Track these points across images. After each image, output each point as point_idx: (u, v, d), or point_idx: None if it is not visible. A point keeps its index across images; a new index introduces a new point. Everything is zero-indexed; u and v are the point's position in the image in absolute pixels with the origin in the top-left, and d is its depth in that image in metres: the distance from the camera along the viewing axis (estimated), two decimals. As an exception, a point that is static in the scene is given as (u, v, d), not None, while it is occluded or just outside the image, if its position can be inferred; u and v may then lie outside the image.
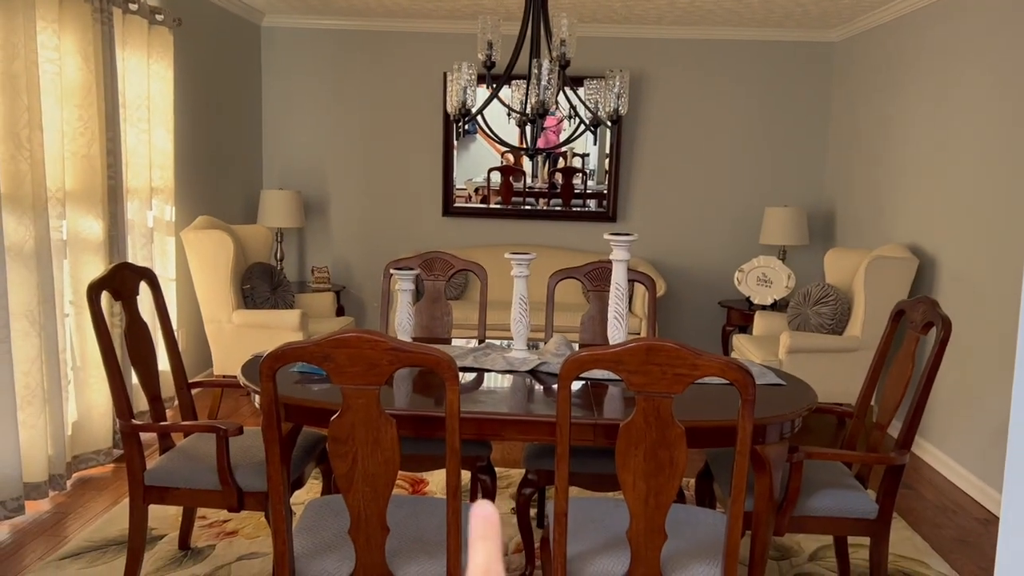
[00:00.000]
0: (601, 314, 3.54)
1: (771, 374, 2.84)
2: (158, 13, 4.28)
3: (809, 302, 4.69)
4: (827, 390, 4.41)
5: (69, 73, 3.56)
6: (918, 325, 2.61)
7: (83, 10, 3.58)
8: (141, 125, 4.18)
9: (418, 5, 5.42)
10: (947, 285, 4.26)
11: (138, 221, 4.20)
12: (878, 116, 5.19)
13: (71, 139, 3.60)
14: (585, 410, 2.43)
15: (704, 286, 6.23)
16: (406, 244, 6.28)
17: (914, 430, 2.54)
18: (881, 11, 5.06)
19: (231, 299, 4.56)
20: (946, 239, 4.29)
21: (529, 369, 2.84)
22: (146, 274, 2.84)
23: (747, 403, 1.87)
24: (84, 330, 3.71)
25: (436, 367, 1.81)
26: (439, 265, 3.69)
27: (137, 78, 4.14)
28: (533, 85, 3.34)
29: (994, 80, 3.90)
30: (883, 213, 5.08)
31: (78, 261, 3.69)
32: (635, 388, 1.86)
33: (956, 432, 4.11)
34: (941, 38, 4.42)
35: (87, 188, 3.68)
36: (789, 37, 5.94)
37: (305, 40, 6.11)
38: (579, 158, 6.26)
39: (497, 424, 2.31)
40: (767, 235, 5.75)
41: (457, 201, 6.26)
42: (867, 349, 4.38)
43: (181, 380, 2.97)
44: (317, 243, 6.33)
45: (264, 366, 1.85)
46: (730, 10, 5.25)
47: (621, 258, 2.82)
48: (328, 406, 2.26)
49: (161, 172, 4.42)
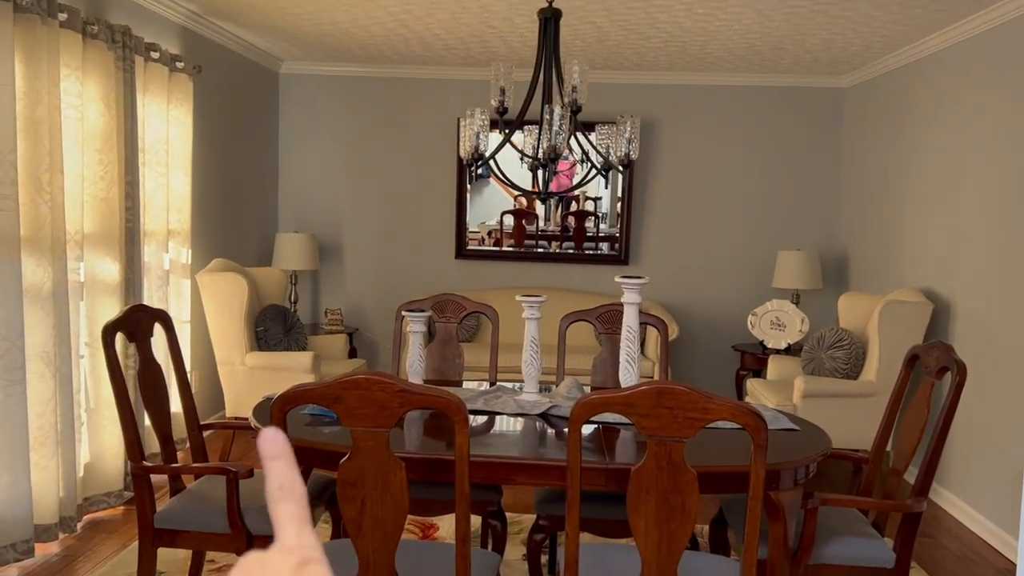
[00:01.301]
0: (613, 357, 3.53)
1: (784, 419, 2.81)
2: (179, 60, 4.38)
3: (823, 346, 4.66)
4: (842, 435, 4.36)
5: (91, 118, 3.64)
6: (933, 370, 2.58)
7: (106, 58, 3.66)
8: (159, 169, 4.25)
9: (432, 52, 5.52)
10: (962, 329, 4.23)
11: (154, 263, 4.24)
12: (890, 160, 5.21)
13: (91, 183, 3.66)
14: (596, 454, 2.41)
15: (717, 329, 6.21)
16: (419, 286, 6.31)
17: (931, 477, 2.51)
18: (890, 58, 5.10)
19: (244, 341, 4.59)
20: (960, 283, 4.27)
21: (540, 412, 2.83)
22: (160, 316, 2.86)
23: (759, 448, 1.85)
24: (99, 371, 3.73)
25: (446, 409, 1.81)
26: (451, 307, 3.70)
27: (156, 123, 4.22)
28: (545, 130, 3.38)
29: (1004, 124, 3.91)
30: (896, 257, 5.06)
31: (94, 303, 3.73)
32: (646, 432, 1.85)
33: (974, 479, 4.05)
34: (951, 83, 4.45)
35: (105, 231, 3.73)
36: (800, 83, 6.00)
37: (322, 86, 6.22)
38: (591, 201, 6.29)
39: (508, 468, 2.29)
40: (780, 279, 5.74)
41: (470, 244, 6.30)
42: (882, 394, 4.34)
43: (193, 422, 2.97)
44: (331, 285, 6.37)
45: (275, 408, 1.85)
46: (740, 57, 5.31)
47: (632, 301, 2.82)
48: (338, 448, 2.25)
49: (178, 215, 4.48)
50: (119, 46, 3.75)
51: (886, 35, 4.58)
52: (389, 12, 4.45)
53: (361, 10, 4.43)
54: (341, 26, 4.83)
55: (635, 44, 5.05)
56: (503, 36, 4.93)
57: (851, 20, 4.27)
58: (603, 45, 5.11)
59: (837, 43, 4.83)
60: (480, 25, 4.68)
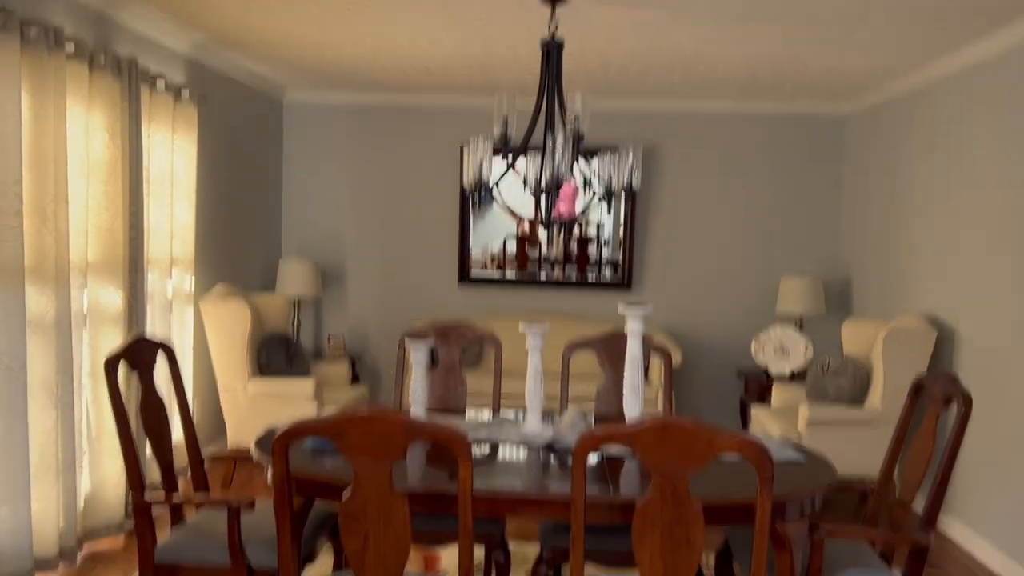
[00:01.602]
0: (616, 386, 3.52)
1: (790, 449, 2.80)
2: (184, 90, 4.41)
3: (827, 373, 4.64)
4: (847, 463, 4.32)
5: (96, 148, 3.66)
6: (938, 401, 2.57)
7: (112, 88, 3.69)
8: (164, 198, 4.27)
9: (436, 80, 5.56)
10: (966, 356, 4.21)
11: (157, 291, 4.25)
12: (892, 186, 5.22)
13: (95, 213, 3.67)
14: (601, 484, 2.40)
15: (721, 355, 6.19)
16: (422, 312, 6.30)
17: (937, 509, 2.49)
18: (891, 85, 5.13)
19: (247, 368, 4.58)
20: (964, 310, 4.25)
21: (543, 444, 2.82)
22: (163, 347, 2.86)
23: (765, 482, 1.83)
24: (101, 401, 3.72)
25: (449, 444, 1.80)
26: (454, 336, 3.69)
27: (161, 152, 4.24)
28: (548, 158, 3.40)
29: (1006, 151, 3.92)
30: (899, 283, 5.06)
31: (97, 332, 3.72)
32: (651, 467, 1.84)
33: (982, 508, 4.01)
34: (952, 110, 4.47)
35: (109, 260, 3.74)
36: (801, 109, 6.03)
37: (326, 114, 6.26)
38: (594, 227, 6.30)
39: (511, 502, 2.27)
40: (784, 304, 5.73)
41: (473, 268, 6.30)
42: (887, 422, 4.31)
43: (194, 452, 2.96)
44: (334, 311, 6.37)
45: (277, 444, 1.84)
46: (742, 84, 5.34)
47: (636, 330, 2.82)
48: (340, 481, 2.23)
49: (182, 243, 4.49)
50: (125, 76, 3.77)
51: (887, 63, 4.61)
52: (394, 42, 4.48)
53: (366, 40, 4.47)
54: (346, 55, 4.87)
55: (637, 72, 5.08)
56: (506, 65, 4.97)
57: (851, 48, 4.30)
58: (606, 72, 5.14)
59: (838, 70, 4.85)
60: (484, 54, 4.71)
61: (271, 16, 4.05)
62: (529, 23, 4.00)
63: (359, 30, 4.25)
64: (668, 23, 3.92)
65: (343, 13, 3.93)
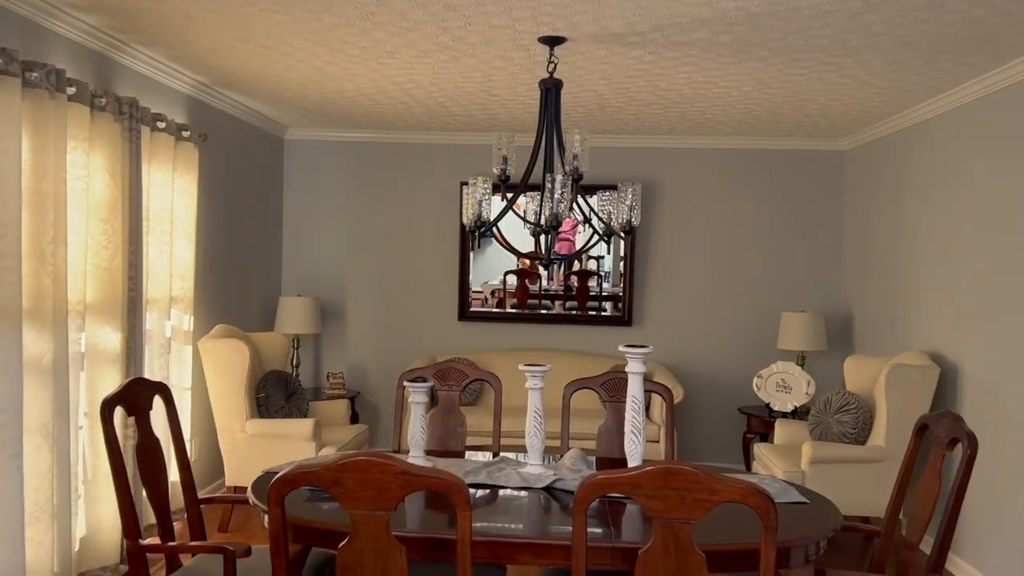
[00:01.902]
0: (618, 425, 3.49)
1: (793, 491, 2.76)
2: (184, 130, 4.43)
3: (830, 410, 4.61)
4: (851, 502, 4.28)
5: (96, 189, 3.66)
6: (943, 441, 2.54)
7: (113, 129, 3.71)
8: (163, 237, 4.27)
9: (435, 119, 5.59)
10: (970, 393, 4.18)
11: (156, 331, 4.23)
12: (891, 222, 5.23)
13: (94, 252, 3.67)
14: (602, 528, 2.36)
15: (723, 391, 6.15)
16: (422, 349, 6.28)
17: (945, 553, 2.45)
18: (888, 122, 5.16)
19: (245, 408, 4.54)
20: (967, 346, 4.23)
21: (544, 486, 2.78)
22: (160, 389, 2.84)
23: (769, 530, 1.80)
24: (97, 443, 3.69)
25: (447, 492, 1.77)
26: (453, 375, 3.67)
27: (162, 192, 4.25)
28: (547, 197, 3.40)
29: (1002, 186, 3.92)
30: (901, 319, 5.04)
31: (95, 373, 3.70)
32: (653, 514, 1.81)
33: (990, 549, 3.95)
34: (949, 147, 4.49)
35: (107, 300, 3.73)
36: (799, 146, 6.06)
37: (326, 152, 6.30)
38: (594, 261, 6.31)
39: (512, 547, 2.24)
40: (785, 340, 5.71)
41: (473, 304, 6.29)
42: (891, 460, 4.27)
43: (191, 496, 2.92)
44: (333, 349, 6.34)
45: (272, 491, 1.81)
46: (740, 121, 5.37)
47: (637, 371, 2.79)
48: (338, 528, 2.20)
49: (181, 282, 4.49)
50: (126, 117, 3.79)
51: (883, 101, 4.64)
52: (394, 81, 4.51)
53: (366, 80, 4.50)
54: (346, 95, 4.90)
55: (635, 110, 5.11)
56: (505, 104, 5.00)
57: (848, 87, 4.33)
58: (604, 112, 5.17)
59: (835, 108, 4.88)
60: (482, 93, 4.75)
61: (271, 57, 4.08)
62: (527, 63, 4.04)
63: (358, 70, 4.29)
64: (664, 62, 3.95)
65: (342, 53, 3.97)
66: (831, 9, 3.12)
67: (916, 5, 3.06)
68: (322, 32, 3.62)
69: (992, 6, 3.04)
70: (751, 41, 3.56)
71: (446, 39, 3.67)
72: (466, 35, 3.60)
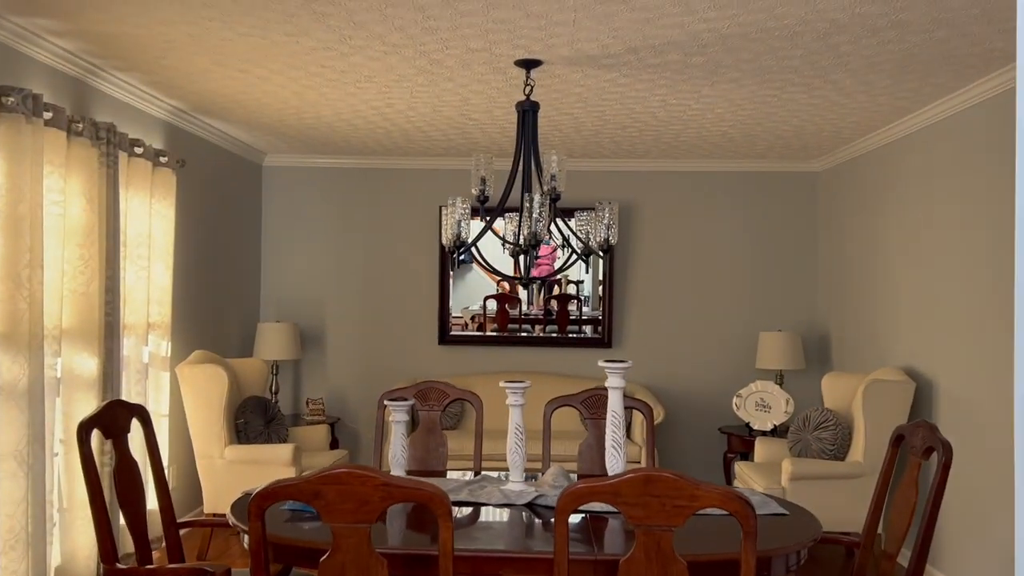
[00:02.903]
0: (599, 442, 3.50)
1: (773, 503, 2.78)
2: (162, 155, 4.43)
3: (809, 427, 4.64)
4: (832, 517, 4.29)
5: (73, 214, 3.65)
6: (919, 451, 2.57)
7: (90, 154, 3.71)
8: (141, 262, 4.25)
9: (414, 144, 5.63)
10: (946, 407, 4.23)
11: (133, 357, 4.20)
12: (865, 240, 5.31)
13: (71, 277, 3.65)
14: (585, 545, 2.36)
15: (703, 411, 6.18)
16: (402, 373, 6.26)
17: (923, 562, 2.47)
18: (861, 143, 5.26)
19: (224, 434, 4.50)
20: (941, 361, 4.29)
21: (526, 502, 2.78)
22: (138, 411, 2.82)
23: (749, 535, 1.82)
24: (73, 469, 3.64)
25: (429, 503, 1.77)
26: (434, 395, 3.67)
27: (139, 217, 4.24)
28: (525, 218, 3.43)
29: (972, 203, 4.01)
30: (877, 336, 5.10)
31: (71, 399, 3.66)
32: (634, 522, 1.82)
33: (967, 560, 3.98)
34: (921, 165, 4.58)
35: (84, 325, 3.70)
36: (773, 168, 6.15)
37: (305, 177, 6.31)
38: (573, 285, 6.34)
39: (494, 562, 2.23)
40: (763, 359, 5.76)
41: (454, 329, 6.29)
42: (871, 475, 4.30)
43: (170, 520, 2.89)
44: (313, 375, 6.31)
45: (252, 505, 1.80)
46: (714, 144, 5.46)
47: (616, 385, 2.81)
48: (319, 546, 2.19)
49: (159, 307, 4.46)
50: (103, 143, 3.79)
51: (854, 121, 4.73)
52: (371, 105, 4.55)
53: (344, 105, 4.53)
54: (324, 120, 4.93)
55: (611, 133, 5.18)
56: (483, 127, 5.05)
57: (820, 107, 4.41)
58: (580, 135, 5.23)
59: (807, 129, 4.98)
60: (460, 117, 4.79)
61: (249, 82, 4.11)
62: (505, 86, 4.09)
63: (336, 94, 4.32)
64: (639, 84, 4.01)
65: (320, 79, 4.00)
66: (800, 31, 3.20)
67: (882, 27, 3.14)
68: (300, 56, 3.65)
69: (954, 27, 3.13)
70: (723, 62, 3.64)
71: (424, 62, 3.72)
72: (443, 58, 3.65)
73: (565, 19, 3.12)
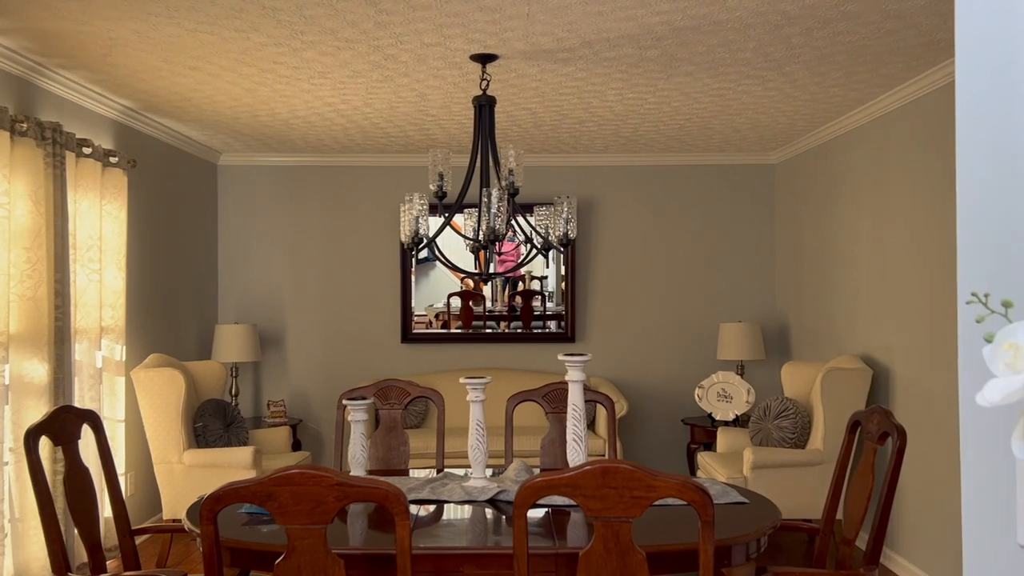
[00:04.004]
0: (561, 437, 3.49)
1: (733, 492, 2.80)
2: (112, 156, 4.34)
3: (769, 416, 4.69)
4: (794, 504, 4.35)
5: (18, 216, 3.55)
6: (874, 436, 2.61)
7: (35, 154, 3.61)
8: (92, 265, 4.16)
9: (371, 140, 5.58)
10: (901, 393, 4.30)
11: (86, 362, 4.10)
12: (821, 231, 5.38)
13: (17, 282, 3.55)
14: (546, 539, 2.35)
15: (666, 404, 6.22)
16: (365, 373, 6.21)
17: (880, 544, 2.50)
18: (814, 135, 5.32)
19: (182, 438, 4.43)
20: (896, 348, 4.36)
21: (488, 498, 2.77)
22: (88, 416, 2.75)
23: (706, 524, 1.82)
24: (24, 479, 3.54)
25: (384, 501, 1.75)
26: (395, 393, 3.64)
27: (89, 219, 4.15)
28: (484, 213, 3.42)
29: (922, 192, 4.08)
30: (834, 325, 5.17)
31: (20, 406, 3.57)
32: (592, 514, 1.81)
33: (924, 542, 4.05)
34: (873, 155, 4.65)
35: (32, 331, 3.61)
36: (730, 160, 6.20)
37: (261, 176, 6.22)
38: (537, 281, 6.34)
39: (455, 559, 2.22)
40: (724, 351, 5.81)
41: (417, 327, 6.25)
42: (830, 462, 4.36)
43: (124, 527, 2.82)
44: (273, 376, 6.23)
45: (204, 508, 1.77)
46: (671, 137, 5.49)
47: (576, 379, 2.81)
48: (276, 548, 2.15)
49: (112, 311, 4.37)
50: (49, 143, 3.70)
51: (808, 113, 4.79)
52: (327, 102, 4.50)
53: (299, 102, 4.47)
54: (279, 117, 4.86)
55: (570, 128, 5.18)
56: (441, 123, 5.02)
57: (774, 100, 4.46)
58: (539, 130, 5.23)
59: (762, 122, 5.02)
60: (418, 113, 4.76)
61: (199, 79, 4.03)
62: (461, 81, 4.06)
63: (290, 91, 4.26)
64: (595, 78, 4.01)
65: (273, 75, 3.94)
66: (752, 23, 3.22)
67: (832, 18, 3.17)
68: (251, 52, 3.59)
69: (902, 18, 3.17)
70: (677, 55, 3.65)
71: (378, 58, 3.68)
72: (398, 53, 3.61)
73: (519, 12, 3.10)
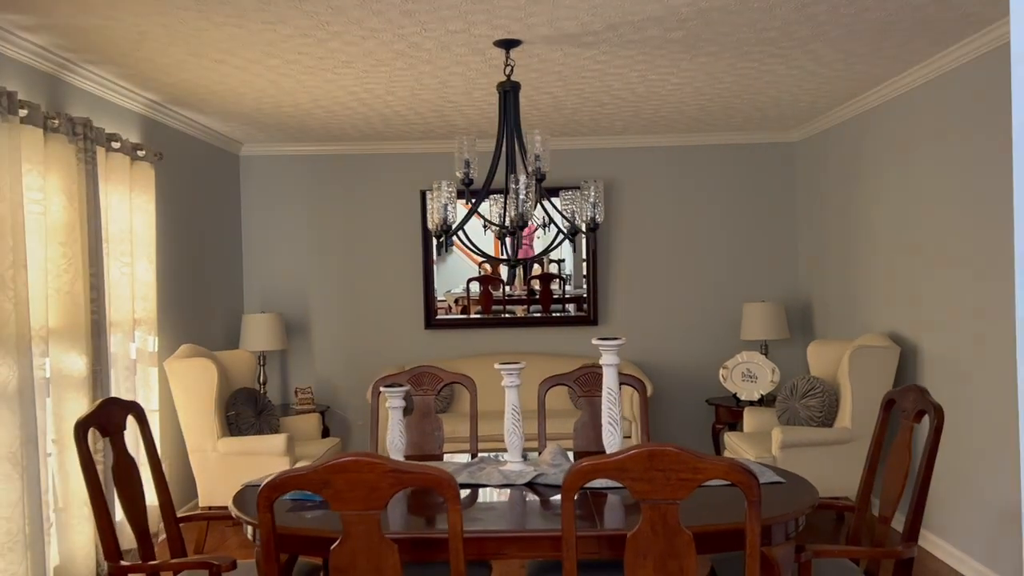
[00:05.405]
0: (593, 420, 3.52)
1: (769, 472, 2.82)
2: (140, 149, 4.38)
3: (796, 395, 4.70)
4: (823, 483, 4.37)
5: (54, 212, 3.61)
6: (910, 414, 2.62)
7: (67, 151, 3.65)
8: (124, 258, 4.21)
9: (393, 128, 5.60)
10: (931, 370, 4.30)
11: (121, 354, 4.17)
12: (844, 208, 5.36)
13: (55, 276, 3.61)
14: (587, 521, 2.39)
15: (690, 384, 6.24)
16: (389, 359, 6.26)
17: (919, 522, 2.52)
18: (837, 111, 5.29)
19: (215, 427, 4.49)
20: (924, 325, 4.36)
21: (527, 482, 2.80)
22: (133, 408, 2.80)
23: (753, 504, 1.85)
24: (67, 469, 3.62)
25: (438, 487, 1.79)
26: (428, 379, 3.68)
27: (119, 213, 4.20)
28: (511, 199, 3.43)
29: (950, 168, 4.06)
30: (859, 302, 5.17)
31: (61, 398, 3.63)
32: (639, 496, 1.84)
33: (959, 521, 4.07)
34: (899, 131, 4.62)
35: (70, 324, 3.67)
36: (751, 139, 6.18)
37: (283, 166, 6.26)
38: (555, 264, 6.35)
39: (498, 542, 2.26)
40: (748, 331, 5.81)
41: (439, 313, 6.29)
42: (859, 440, 4.37)
43: (170, 515, 2.88)
44: (300, 364, 6.29)
45: (262, 497, 1.81)
46: (692, 117, 5.47)
47: (611, 362, 2.83)
48: (326, 534, 2.20)
49: (144, 303, 4.42)
50: (80, 138, 3.74)
51: (831, 91, 4.76)
52: (349, 91, 4.51)
53: (322, 91, 4.49)
54: (302, 107, 4.89)
55: (591, 111, 5.17)
56: (462, 109, 5.03)
57: (797, 77, 4.44)
58: (559, 113, 5.23)
59: (785, 100, 5.00)
60: (439, 100, 4.77)
61: (225, 71, 4.06)
62: (484, 67, 4.07)
63: (314, 81, 4.28)
64: (618, 61, 4.01)
65: (298, 66, 3.96)
66: (778, 2, 3.21)
67: (859, -5, 3.15)
68: (277, 44, 3.61)
69: (931, -7, 3.15)
70: (702, 36, 3.64)
71: (402, 46, 3.69)
72: (422, 41, 3.62)
73: (545, -2, 3.10)
